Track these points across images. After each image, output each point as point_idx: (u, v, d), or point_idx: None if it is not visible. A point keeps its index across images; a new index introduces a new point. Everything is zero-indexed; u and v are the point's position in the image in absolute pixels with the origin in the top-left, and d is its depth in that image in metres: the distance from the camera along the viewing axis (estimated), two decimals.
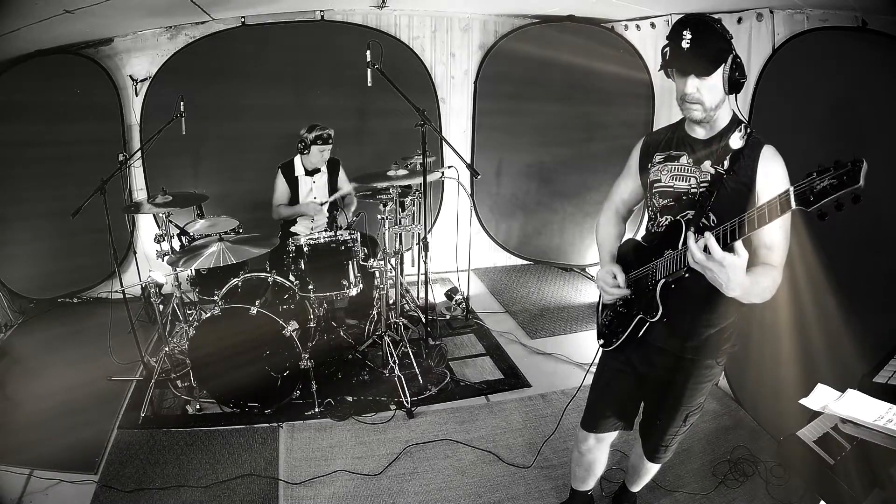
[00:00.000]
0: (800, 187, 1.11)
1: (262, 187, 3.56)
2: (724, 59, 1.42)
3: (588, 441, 1.96)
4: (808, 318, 2.22)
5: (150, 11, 3.48)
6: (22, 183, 3.75)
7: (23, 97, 3.61)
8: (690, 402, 1.75)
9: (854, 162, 1.03)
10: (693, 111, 1.50)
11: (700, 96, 1.46)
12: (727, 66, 1.42)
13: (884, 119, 2.14)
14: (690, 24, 1.42)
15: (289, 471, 2.50)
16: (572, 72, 4.18)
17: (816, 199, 1.07)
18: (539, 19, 4.29)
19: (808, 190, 1.08)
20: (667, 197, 1.62)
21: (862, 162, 1.02)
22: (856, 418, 1.29)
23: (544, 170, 4.61)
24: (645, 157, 1.72)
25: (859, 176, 1.02)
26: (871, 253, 2.24)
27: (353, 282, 3.02)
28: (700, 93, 1.46)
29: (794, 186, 1.12)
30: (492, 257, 4.96)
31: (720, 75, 1.44)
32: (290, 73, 4.10)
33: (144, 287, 3.77)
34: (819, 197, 1.07)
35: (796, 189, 1.11)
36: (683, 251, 1.48)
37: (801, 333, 2.27)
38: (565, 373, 3.32)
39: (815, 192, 1.07)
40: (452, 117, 4.53)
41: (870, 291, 2.20)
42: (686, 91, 1.47)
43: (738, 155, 1.48)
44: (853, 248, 2.24)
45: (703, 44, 1.41)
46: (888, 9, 2.14)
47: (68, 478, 2.39)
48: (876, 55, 2.22)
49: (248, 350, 2.74)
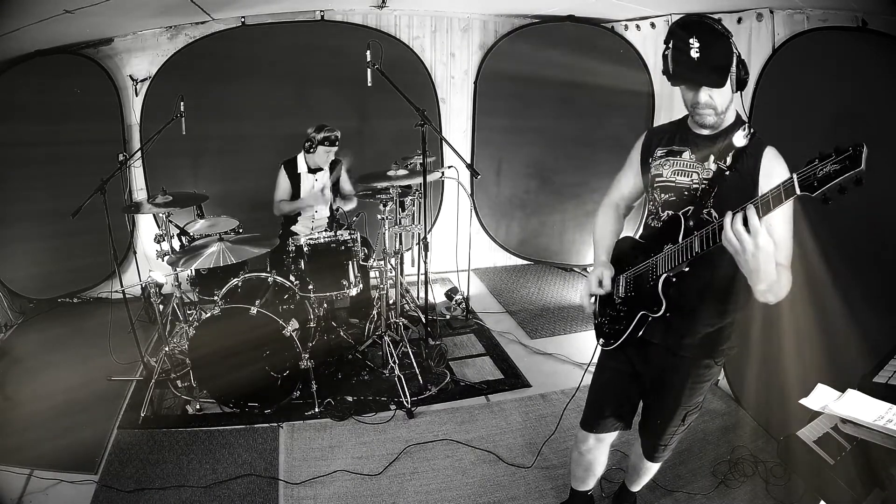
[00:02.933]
0: (803, 174, 1.12)
1: (262, 187, 3.56)
2: (732, 62, 1.41)
3: (588, 441, 1.96)
4: (808, 318, 2.22)
5: (150, 11, 3.48)
6: (22, 183, 3.75)
7: (23, 97, 3.61)
8: (689, 402, 1.75)
9: (855, 146, 1.04)
10: (706, 117, 1.50)
11: (713, 102, 1.46)
12: (734, 66, 1.42)
13: (884, 119, 2.13)
14: (695, 31, 1.40)
15: (289, 471, 2.50)
16: (572, 72, 4.18)
17: (820, 185, 1.08)
18: (539, 19, 4.29)
19: (812, 176, 1.10)
20: (668, 192, 1.62)
21: (863, 146, 1.04)
22: (856, 418, 1.29)
23: (544, 170, 4.61)
24: (647, 151, 1.72)
25: (861, 159, 1.03)
26: (872, 253, 2.24)
27: (353, 282, 3.02)
28: (713, 99, 1.46)
29: (798, 173, 1.13)
30: (492, 257, 4.96)
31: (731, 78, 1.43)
32: (290, 73, 4.10)
33: (144, 287, 3.77)
34: (823, 182, 1.08)
35: (800, 175, 1.12)
36: (684, 244, 1.48)
37: (801, 333, 2.27)
38: (565, 373, 3.32)
39: (819, 178, 1.08)
40: (452, 117, 4.53)
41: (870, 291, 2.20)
42: (699, 100, 1.47)
43: (741, 153, 1.49)
44: (853, 247, 2.24)
45: (712, 52, 1.39)
46: (888, 9, 2.14)
47: (68, 478, 2.39)
48: (876, 55, 2.22)
49: (248, 350, 2.74)
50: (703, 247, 1.41)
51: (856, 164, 1.04)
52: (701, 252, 1.42)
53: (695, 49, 1.39)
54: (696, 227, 1.48)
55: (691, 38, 1.39)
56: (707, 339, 1.65)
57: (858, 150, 1.04)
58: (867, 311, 2.10)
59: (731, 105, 1.51)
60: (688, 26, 1.42)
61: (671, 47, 1.45)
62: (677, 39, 1.43)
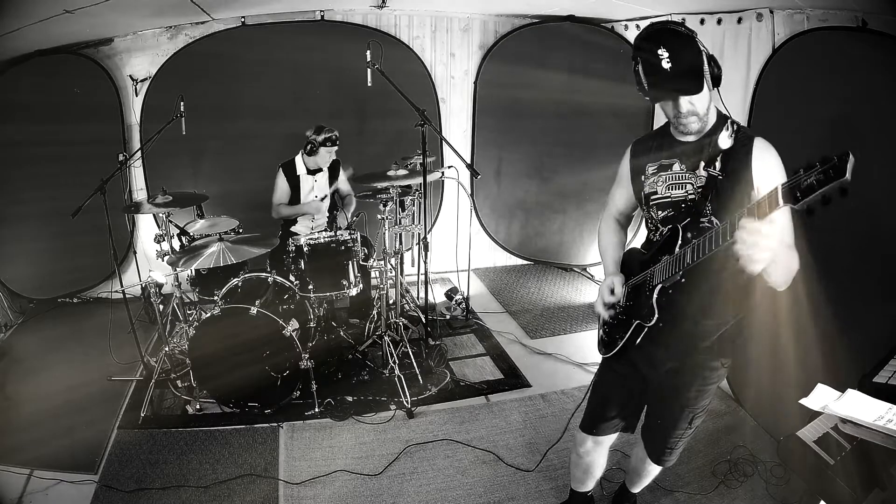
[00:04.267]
0: (787, 184, 1.09)
1: (261, 187, 3.56)
2: (703, 62, 1.37)
3: (586, 444, 1.95)
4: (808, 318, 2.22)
5: (149, 11, 3.49)
6: (22, 183, 3.76)
7: (23, 97, 3.61)
8: (696, 405, 1.74)
9: (840, 156, 1.01)
10: (691, 124, 1.48)
11: (695, 108, 1.45)
12: (705, 66, 1.38)
13: (884, 119, 2.13)
14: (661, 40, 1.36)
15: (289, 471, 2.50)
16: (572, 72, 4.18)
17: (803, 195, 1.05)
18: (539, 19, 4.29)
19: (796, 186, 1.07)
20: (666, 208, 1.60)
21: (848, 155, 1.00)
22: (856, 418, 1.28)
23: (544, 170, 4.61)
24: (636, 167, 1.69)
25: (846, 169, 1.00)
26: (871, 252, 2.24)
27: (353, 282, 3.02)
28: (694, 105, 1.44)
29: (782, 184, 1.10)
30: (492, 257, 4.96)
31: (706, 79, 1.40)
32: (290, 73, 4.10)
33: (144, 287, 3.77)
34: (806, 193, 1.05)
35: (783, 186, 1.10)
36: (678, 254, 1.47)
37: (801, 333, 2.27)
38: (565, 373, 3.32)
39: (802, 189, 1.05)
40: (452, 117, 4.53)
41: (870, 291, 2.20)
42: (681, 110, 1.44)
43: (729, 154, 1.46)
44: (853, 247, 2.24)
45: (682, 58, 1.36)
46: (888, 9, 2.14)
47: (68, 478, 2.39)
48: (876, 55, 2.22)
49: (248, 350, 2.74)
50: (694, 257, 1.39)
51: (840, 174, 1.00)
52: (692, 263, 1.40)
53: (665, 59, 1.36)
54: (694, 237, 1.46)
55: (659, 49, 1.36)
56: (713, 342, 1.64)
57: (844, 158, 1.00)
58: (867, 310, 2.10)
59: (711, 104, 1.49)
60: (651, 37, 1.39)
61: (640, 62, 1.41)
62: (645, 53, 1.39)
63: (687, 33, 1.39)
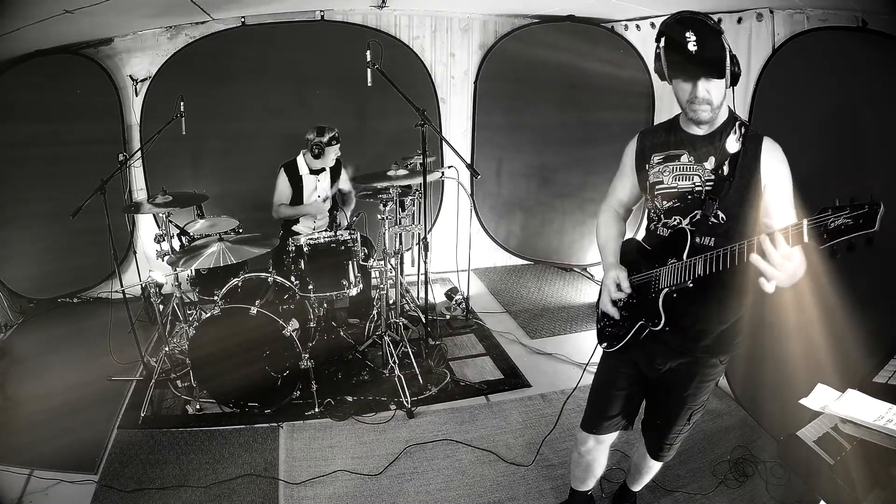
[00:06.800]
0: (814, 222, 1.08)
1: (262, 187, 3.55)
2: (727, 56, 1.41)
3: (588, 442, 1.96)
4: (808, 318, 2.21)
5: (149, 11, 3.48)
6: (22, 183, 3.75)
7: (23, 97, 3.61)
8: (695, 402, 1.76)
9: (871, 204, 1.00)
10: (702, 112, 1.49)
11: (710, 97, 1.45)
12: (728, 60, 1.41)
13: (884, 119, 2.13)
14: (690, 26, 1.40)
15: (289, 471, 2.50)
16: (572, 72, 4.18)
17: (830, 237, 1.05)
18: (539, 19, 4.29)
19: (823, 227, 1.06)
20: (671, 199, 1.60)
21: (879, 205, 0.99)
22: (856, 418, 1.29)
23: (544, 170, 4.61)
24: (641, 157, 1.70)
25: (875, 219, 0.99)
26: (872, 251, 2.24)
27: (353, 282, 3.02)
28: (710, 94, 1.45)
29: (808, 220, 1.09)
30: (492, 257, 4.96)
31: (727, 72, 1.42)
32: (290, 72, 4.09)
33: (144, 287, 3.77)
34: (833, 235, 1.04)
35: (810, 223, 1.08)
36: (688, 263, 1.47)
37: (801, 333, 2.26)
38: (565, 373, 3.32)
39: (829, 230, 1.05)
40: (452, 117, 4.53)
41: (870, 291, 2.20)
42: (697, 94, 1.45)
43: (737, 157, 1.48)
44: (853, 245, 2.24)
45: (708, 44, 1.39)
46: (888, 9, 2.14)
47: (68, 478, 2.39)
48: (876, 55, 2.22)
49: (248, 350, 2.74)
50: (706, 271, 1.40)
51: (869, 224, 0.99)
52: (704, 275, 1.41)
53: (692, 42, 1.39)
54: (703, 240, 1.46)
55: (688, 32, 1.39)
56: (714, 340, 1.64)
57: (875, 208, 0.99)
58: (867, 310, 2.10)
59: (725, 101, 1.50)
60: (682, 21, 1.42)
61: (665, 43, 1.44)
62: (673, 34, 1.42)
63: (715, 27, 1.41)
